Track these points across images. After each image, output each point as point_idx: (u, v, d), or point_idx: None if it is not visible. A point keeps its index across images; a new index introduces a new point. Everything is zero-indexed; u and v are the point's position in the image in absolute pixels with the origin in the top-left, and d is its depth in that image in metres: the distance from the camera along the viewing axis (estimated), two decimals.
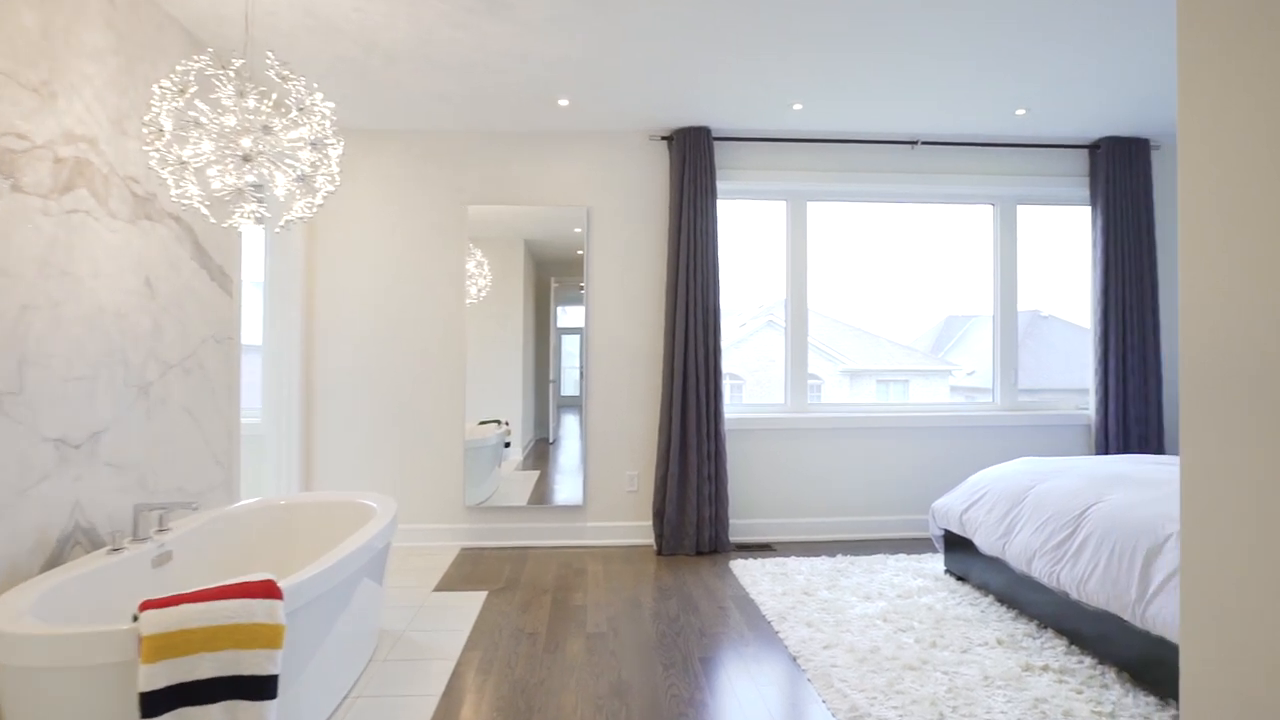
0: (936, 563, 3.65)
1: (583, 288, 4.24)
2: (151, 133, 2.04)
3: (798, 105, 3.77)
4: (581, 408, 4.26)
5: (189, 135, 2.05)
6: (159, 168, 2.07)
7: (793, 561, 3.70)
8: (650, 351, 4.21)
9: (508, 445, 4.37)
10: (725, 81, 3.46)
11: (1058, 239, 4.64)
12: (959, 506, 3.26)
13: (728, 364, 4.63)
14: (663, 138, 4.15)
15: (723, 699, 2.30)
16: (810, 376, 4.45)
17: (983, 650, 2.56)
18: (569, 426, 4.44)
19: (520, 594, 3.30)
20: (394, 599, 3.18)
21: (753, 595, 3.23)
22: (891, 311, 5.01)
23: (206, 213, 2.18)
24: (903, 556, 3.80)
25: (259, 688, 1.60)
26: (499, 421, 4.33)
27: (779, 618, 2.93)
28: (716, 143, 4.14)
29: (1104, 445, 4.25)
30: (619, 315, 4.21)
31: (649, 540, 4.15)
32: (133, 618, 1.53)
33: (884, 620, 2.86)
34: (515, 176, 4.18)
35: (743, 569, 3.59)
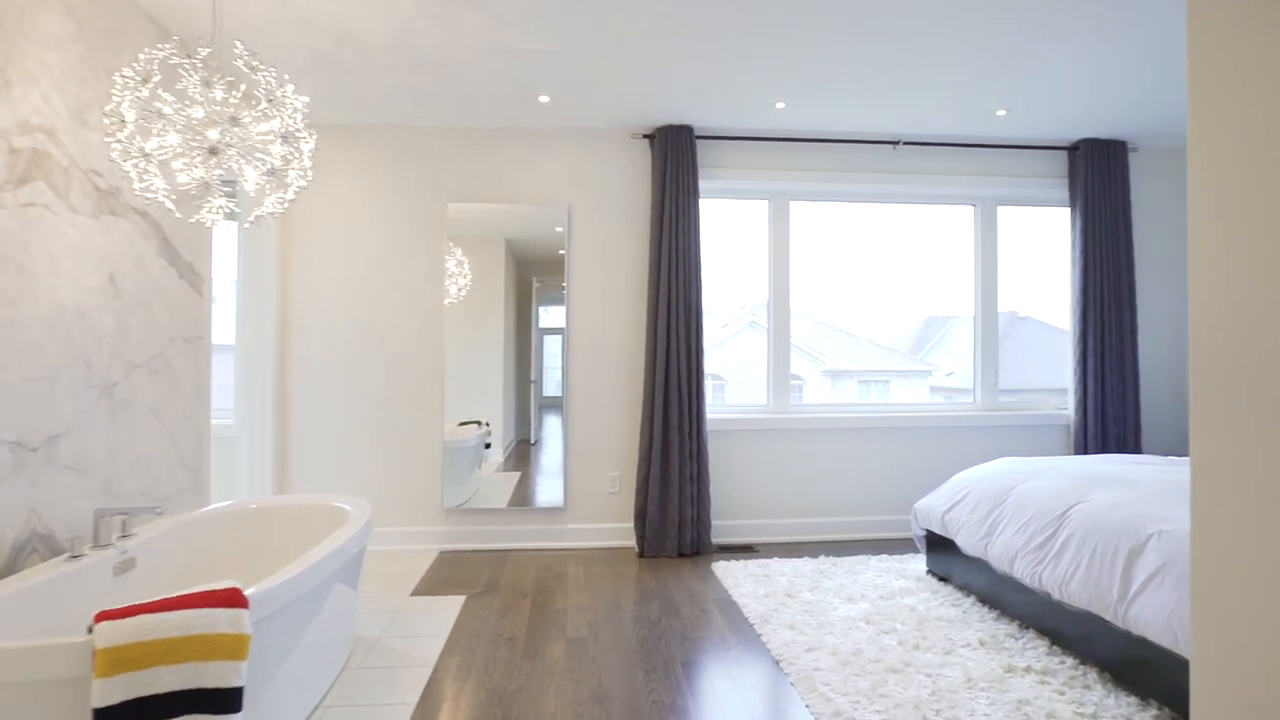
0: (919, 563, 3.64)
1: (564, 287, 4.19)
2: (113, 123, 1.96)
3: (780, 104, 3.75)
4: (563, 408, 4.21)
5: (153, 127, 1.97)
6: (121, 160, 2.00)
7: (775, 563, 3.68)
8: (632, 351, 4.17)
9: (488, 446, 4.31)
10: (708, 79, 3.43)
11: (1036, 240, 4.67)
12: (941, 507, 3.25)
13: (710, 364, 4.60)
14: (644, 136, 4.12)
15: (705, 704, 2.27)
16: (792, 377, 4.44)
17: (965, 652, 2.55)
18: (551, 427, 4.39)
19: (499, 598, 3.25)
20: (370, 604, 3.11)
21: (735, 597, 3.20)
22: (872, 312, 5.02)
23: (172, 207, 2.11)
24: (885, 557, 3.79)
25: (222, 701, 1.53)
26: (479, 422, 4.26)
27: (761, 620, 2.90)
28: (699, 141, 4.11)
29: (1083, 445, 4.28)
30: (600, 314, 4.17)
31: (630, 542, 4.10)
32: (87, 629, 1.46)
33: (867, 622, 2.84)
34: (495, 174, 4.12)
35: (725, 571, 3.56)
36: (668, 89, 3.55)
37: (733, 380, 4.82)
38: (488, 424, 4.30)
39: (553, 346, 4.47)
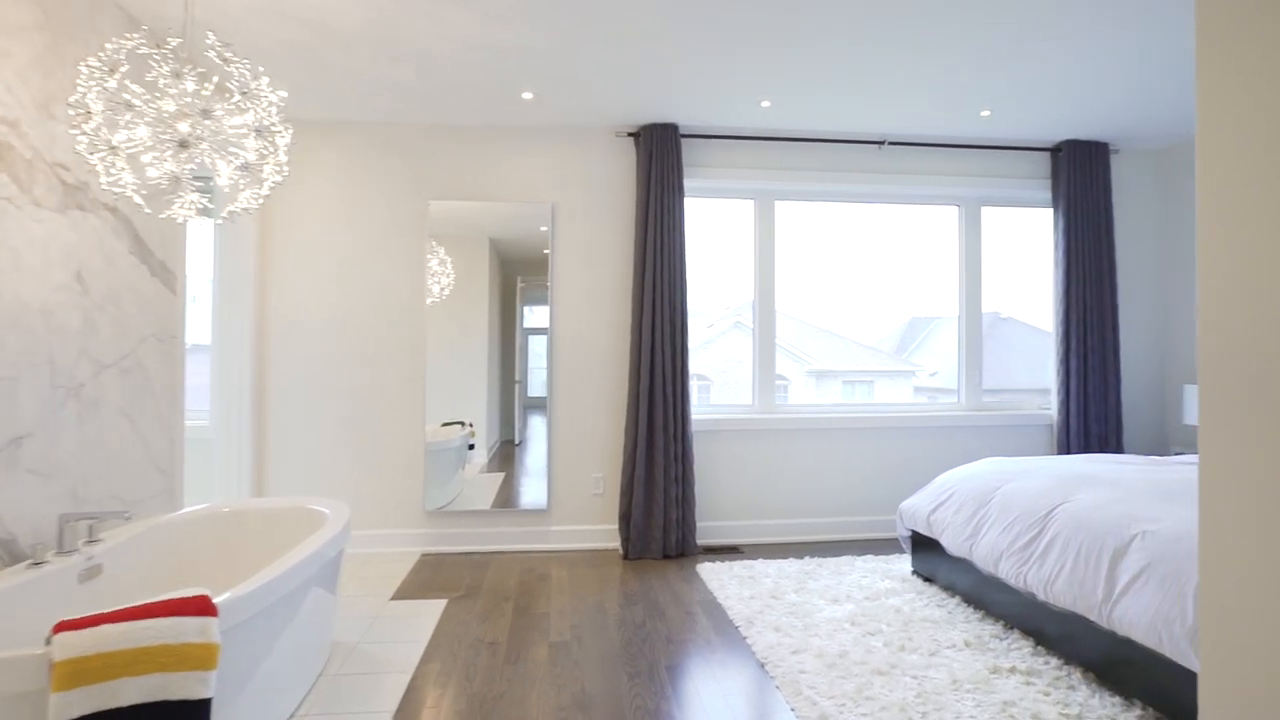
0: (904, 563, 3.64)
1: (549, 287, 4.15)
2: (78, 115, 1.90)
3: (766, 102, 3.73)
4: (547, 409, 4.16)
5: (121, 119, 1.91)
6: (88, 153, 1.93)
7: (760, 564, 3.66)
8: (617, 352, 4.13)
9: (471, 447, 4.25)
10: (693, 76, 3.40)
11: (1018, 241, 4.69)
12: (926, 507, 3.25)
13: (696, 365, 4.57)
14: (629, 134, 4.08)
15: (689, 709, 2.24)
16: (777, 377, 4.42)
17: (951, 653, 2.54)
18: (536, 428, 4.34)
19: (481, 602, 3.20)
20: (348, 609, 3.05)
21: (720, 599, 3.17)
22: (857, 312, 5.02)
23: (141, 202, 2.05)
24: (870, 557, 3.79)
25: (189, 713, 1.48)
26: (463, 423, 4.21)
27: (747, 622, 2.88)
28: (684, 140, 4.08)
29: (1065, 445, 4.30)
30: (584, 314, 4.13)
31: (615, 544, 4.07)
32: (45, 641, 1.40)
33: (852, 623, 2.83)
34: (478, 171, 4.07)
35: (710, 572, 3.54)
36: (652, 86, 3.52)
37: (718, 380, 4.80)
38: (471, 425, 4.24)
39: (538, 347, 4.42)
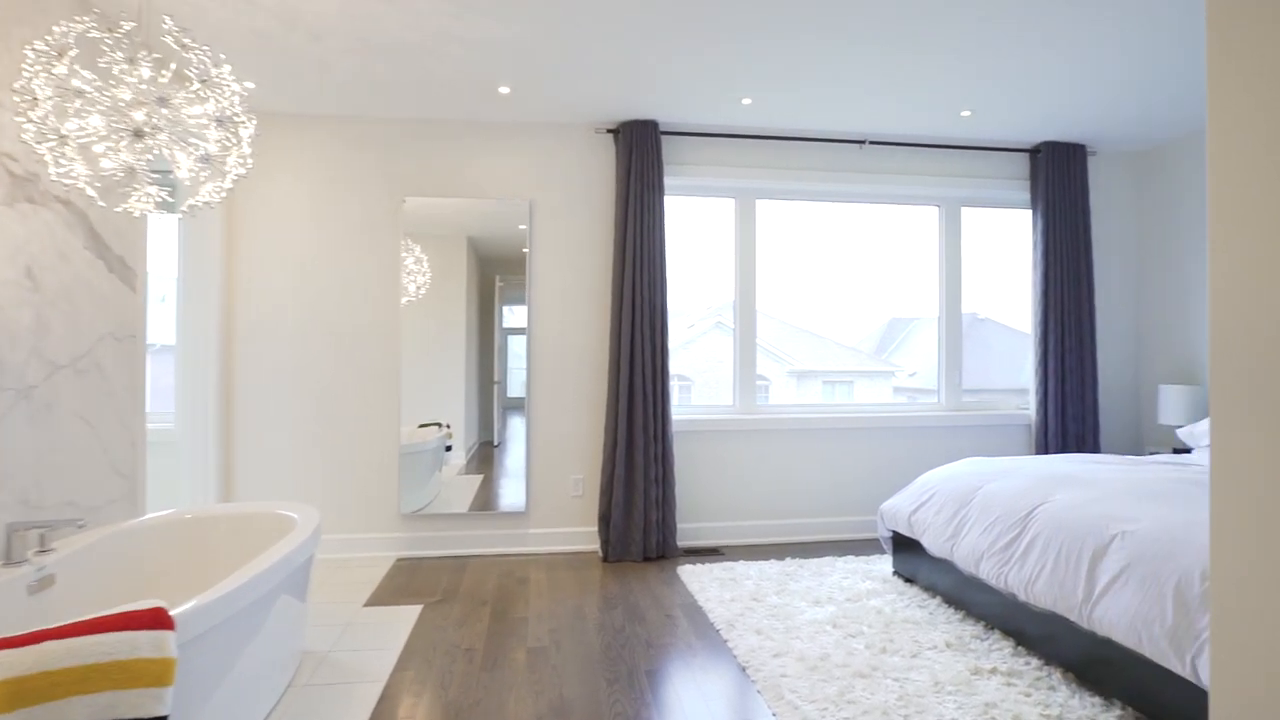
0: (885, 564, 3.63)
1: (527, 285, 4.08)
2: (24, 102, 1.80)
3: (747, 100, 3.70)
4: (526, 409, 4.10)
5: (71, 106, 1.81)
6: (35, 142, 1.84)
7: (741, 566, 3.62)
8: (596, 351, 4.08)
9: (449, 449, 4.17)
10: (673, 72, 3.36)
11: (996, 242, 4.71)
12: (907, 508, 3.24)
13: (677, 365, 4.54)
14: (609, 130, 4.02)
15: (670, 715, 2.19)
16: (758, 378, 4.40)
17: (932, 654, 2.52)
18: (515, 429, 4.27)
19: (458, 607, 3.13)
20: (320, 616, 2.96)
21: (701, 602, 3.13)
22: (837, 313, 5.02)
23: (94, 194, 1.95)
24: (851, 558, 3.77)
25: None
26: (440, 424, 4.13)
27: (728, 625, 2.84)
28: (664, 137, 4.04)
29: (1044, 444, 4.32)
30: (563, 313, 4.06)
31: (594, 546, 4.01)
32: None
33: (834, 626, 2.80)
34: (454, 168, 3.98)
35: (691, 574, 3.50)
36: (632, 82, 3.47)
37: (699, 381, 4.76)
38: (449, 426, 4.16)
39: (517, 347, 4.35)
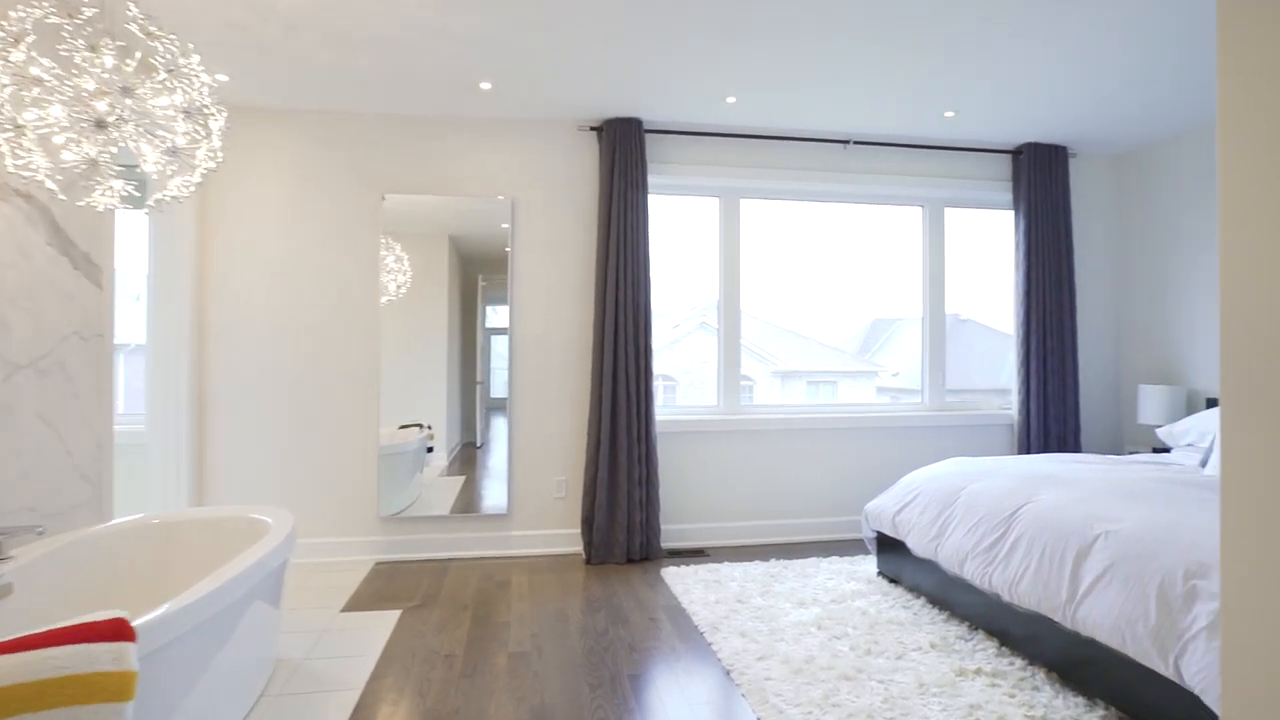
0: (869, 565, 3.62)
1: (509, 285, 4.02)
2: None
3: (732, 98, 3.68)
4: (508, 410, 4.04)
5: (28, 95, 1.74)
6: None
7: (725, 567, 3.60)
8: (579, 351, 4.03)
9: (430, 450, 4.11)
10: (658, 69, 3.32)
11: (978, 243, 4.73)
12: (892, 508, 3.23)
13: (661, 365, 4.50)
14: (592, 128, 3.98)
15: None
16: (742, 378, 4.38)
17: (917, 655, 2.51)
18: (498, 430, 4.21)
19: (438, 611, 3.07)
20: (295, 622, 2.89)
21: (685, 604, 3.10)
22: (821, 313, 5.01)
23: (54, 188, 1.88)
24: (836, 559, 3.76)
25: None
26: (421, 425, 4.06)
27: (712, 628, 2.81)
28: (648, 135, 4.00)
29: (1026, 444, 4.35)
30: (546, 312, 4.02)
31: (578, 548, 3.96)
32: None
33: (818, 627, 2.78)
34: (435, 164, 3.92)
35: (675, 576, 3.46)
36: (616, 79, 3.43)
37: (684, 381, 4.74)
38: (430, 427, 4.10)
39: (500, 347, 4.30)
